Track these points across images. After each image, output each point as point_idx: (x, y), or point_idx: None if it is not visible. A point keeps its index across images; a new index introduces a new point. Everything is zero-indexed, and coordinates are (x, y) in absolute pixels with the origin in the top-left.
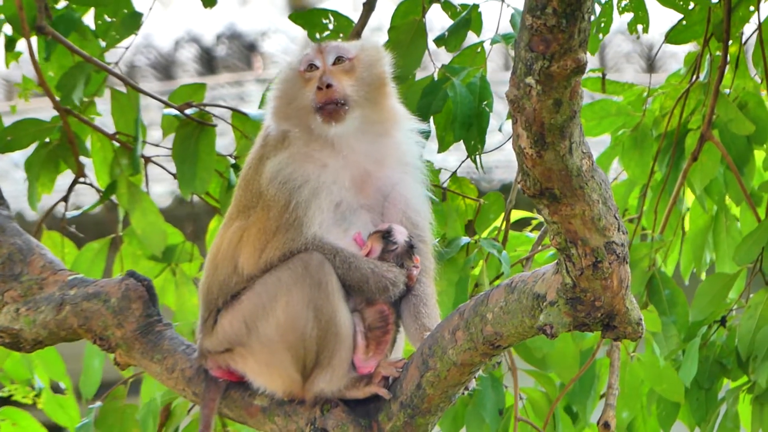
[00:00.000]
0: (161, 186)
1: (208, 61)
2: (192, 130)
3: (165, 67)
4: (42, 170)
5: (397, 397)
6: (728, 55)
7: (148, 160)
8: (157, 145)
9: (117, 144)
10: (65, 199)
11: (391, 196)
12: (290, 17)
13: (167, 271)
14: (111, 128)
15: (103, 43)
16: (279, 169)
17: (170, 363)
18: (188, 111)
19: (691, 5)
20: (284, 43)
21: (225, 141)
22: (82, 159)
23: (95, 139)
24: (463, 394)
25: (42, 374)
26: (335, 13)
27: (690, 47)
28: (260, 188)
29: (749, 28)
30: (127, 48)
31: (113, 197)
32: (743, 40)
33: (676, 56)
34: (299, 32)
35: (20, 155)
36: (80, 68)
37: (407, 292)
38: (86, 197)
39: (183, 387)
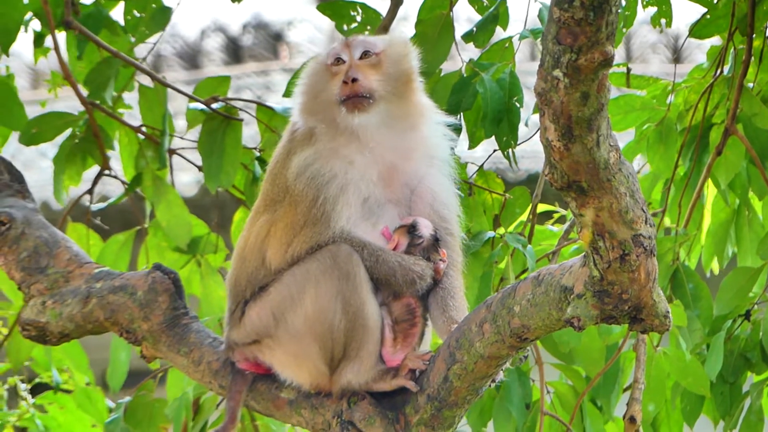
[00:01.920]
0: (187, 175)
1: (234, 51)
2: (218, 124)
3: (191, 57)
4: (68, 164)
5: (424, 389)
6: (752, 49)
7: (173, 152)
8: (182, 138)
9: (142, 137)
10: (90, 191)
11: (418, 189)
12: (318, 8)
13: (192, 262)
14: (137, 120)
15: (132, 39)
16: (306, 165)
17: (197, 356)
18: (214, 105)
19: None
20: (310, 32)
21: (250, 131)
22: (110, 151)
23: (122, 132)
24: (490, 386)
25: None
26: (363, 5)
27: (715, 39)
28: (287, 183)
29: None
30: (155, 44)
31: (138, 189)
32: (767, 33)
33: (702, 47)
34: (325, 22)
35: (46, 144)
36: (108, 63)
37: (435, 285)
38: (113, 186)
39: (210, 380)
